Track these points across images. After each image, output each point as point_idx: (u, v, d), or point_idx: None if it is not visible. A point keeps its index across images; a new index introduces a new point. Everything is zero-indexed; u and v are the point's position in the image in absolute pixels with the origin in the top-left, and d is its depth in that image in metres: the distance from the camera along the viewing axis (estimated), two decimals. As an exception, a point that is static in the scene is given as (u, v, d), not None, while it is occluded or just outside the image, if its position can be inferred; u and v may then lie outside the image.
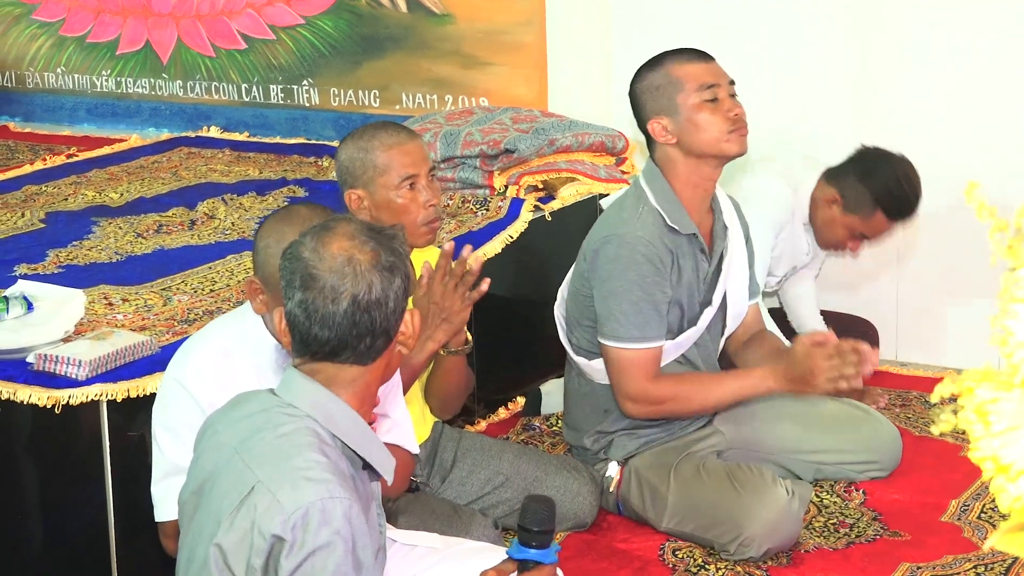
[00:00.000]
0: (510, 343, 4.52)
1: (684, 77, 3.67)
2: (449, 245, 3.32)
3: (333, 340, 2.38)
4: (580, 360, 3.86)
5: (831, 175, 4.40)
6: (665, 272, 3.66)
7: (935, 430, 1.52)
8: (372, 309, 2.37)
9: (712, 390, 3.71)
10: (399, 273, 2.40)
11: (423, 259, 3.69)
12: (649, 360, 3.68)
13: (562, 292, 3.98)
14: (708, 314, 3.79)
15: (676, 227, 3.68)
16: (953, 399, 1.54)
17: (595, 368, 3.82)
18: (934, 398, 1.54)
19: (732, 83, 3.71)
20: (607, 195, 4.77)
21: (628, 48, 5.05)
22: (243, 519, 2.32)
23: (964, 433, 3.68)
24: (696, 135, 3.66)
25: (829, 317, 4.73)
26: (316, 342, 2.39)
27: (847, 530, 3.77)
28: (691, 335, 3.78)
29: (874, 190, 4.31)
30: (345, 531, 2.28)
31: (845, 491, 3.95)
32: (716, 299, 3.80)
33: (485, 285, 3.32)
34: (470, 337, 3.50)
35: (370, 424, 2.47)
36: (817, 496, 3.92)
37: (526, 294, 4.51)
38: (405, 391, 3.22)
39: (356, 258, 2.38)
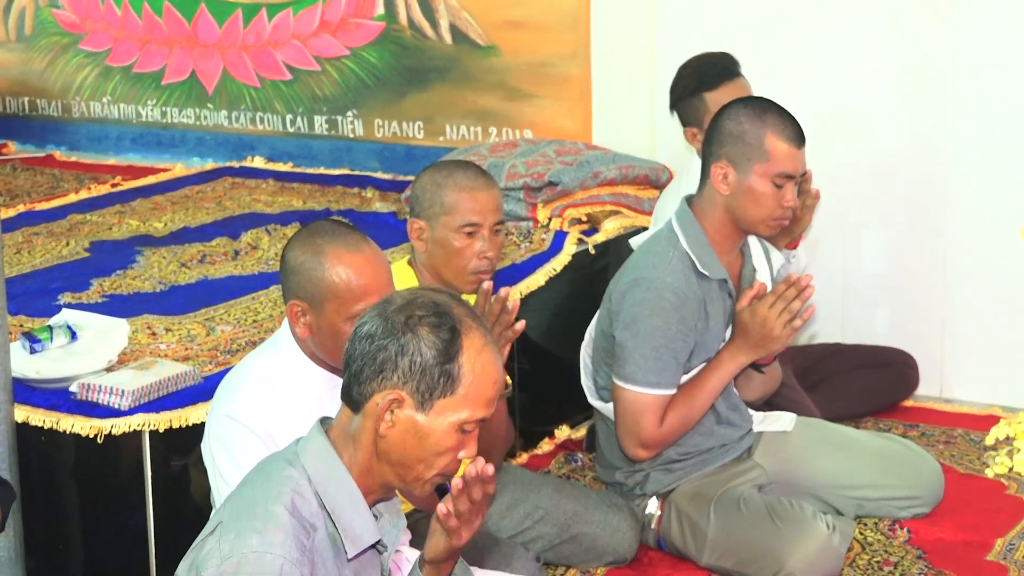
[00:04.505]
0: (552, 376, 4.50)
1: (775, 155, 3.62)
2: (487, 284, 3.31)
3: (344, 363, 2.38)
4: (598, 404, 3.88)
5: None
6: (691, 322, 3.67)
7: (990, 472, 1.50)
8: (363, 340, 2.31)
9: (698, 397, 3.73)
10: (395, 339, 2.29)
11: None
12: (661, 407, 3.70)
13: (590, 332, 3.97)
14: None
15: (706, 272, 3.68)
16: (1008, 440, 1.52)
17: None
18: (989, 440, 1.52)
19: (804, 175, 3.71)
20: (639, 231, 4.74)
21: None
22: (197, 556, 2.31)
23: (1011, 471, 3.65)
24: (748, 204, 3.65)
25: (864, 350, 4.70)
26: None
27: (891, 568, 3.73)
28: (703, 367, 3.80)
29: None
30: None
31: (889, 529, 3.92)
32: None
33: (520, 326, 3.29)
34: (510, 381, 3.47)
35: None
36: (861, 534, 3.88)
37: (569, 326, 4.49)
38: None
39: (411, 314, 2.32)
